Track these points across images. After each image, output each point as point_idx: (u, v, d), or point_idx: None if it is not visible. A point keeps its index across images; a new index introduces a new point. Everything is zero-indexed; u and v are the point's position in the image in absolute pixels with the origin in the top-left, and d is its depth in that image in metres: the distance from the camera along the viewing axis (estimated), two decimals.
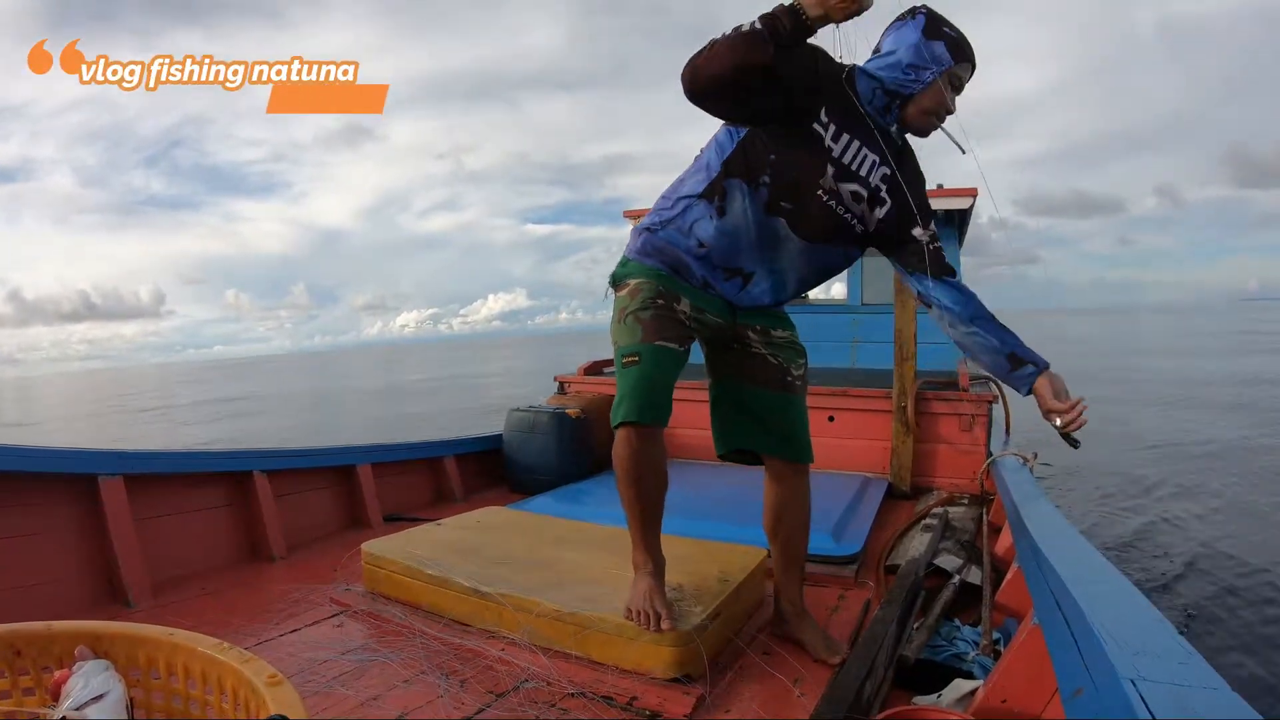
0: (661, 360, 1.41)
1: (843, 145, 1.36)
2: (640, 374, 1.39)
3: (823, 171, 1.37)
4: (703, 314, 1.49)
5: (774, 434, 1.59)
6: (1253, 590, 3.95)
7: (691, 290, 1.49)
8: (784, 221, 1.40)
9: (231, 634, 1.55)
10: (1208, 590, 3.96)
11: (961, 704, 1.28)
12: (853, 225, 1.43)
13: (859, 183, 1.40)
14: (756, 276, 1.49)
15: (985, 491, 2.67)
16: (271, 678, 0.84)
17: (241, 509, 2.27)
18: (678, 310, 1.46)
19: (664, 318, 1.44)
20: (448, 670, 1.46)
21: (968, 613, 1.77)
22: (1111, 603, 0.98)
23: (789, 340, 1.61)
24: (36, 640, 0.97)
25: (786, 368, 1.58)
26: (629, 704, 1.33)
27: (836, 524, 2.31)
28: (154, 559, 1.95)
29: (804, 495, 1.65)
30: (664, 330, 1.43)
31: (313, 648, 1.56)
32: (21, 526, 1.75)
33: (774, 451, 1.60)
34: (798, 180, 1.37)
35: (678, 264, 1.48)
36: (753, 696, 1.38)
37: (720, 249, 1.45)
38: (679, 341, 1.45)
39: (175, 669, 0.95)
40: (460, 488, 3.13)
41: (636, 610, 1.43)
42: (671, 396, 1.42)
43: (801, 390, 1.62)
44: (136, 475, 1.96)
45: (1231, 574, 4.20)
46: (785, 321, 1.63)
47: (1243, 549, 4.60)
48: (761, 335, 1.57)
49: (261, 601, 1.87)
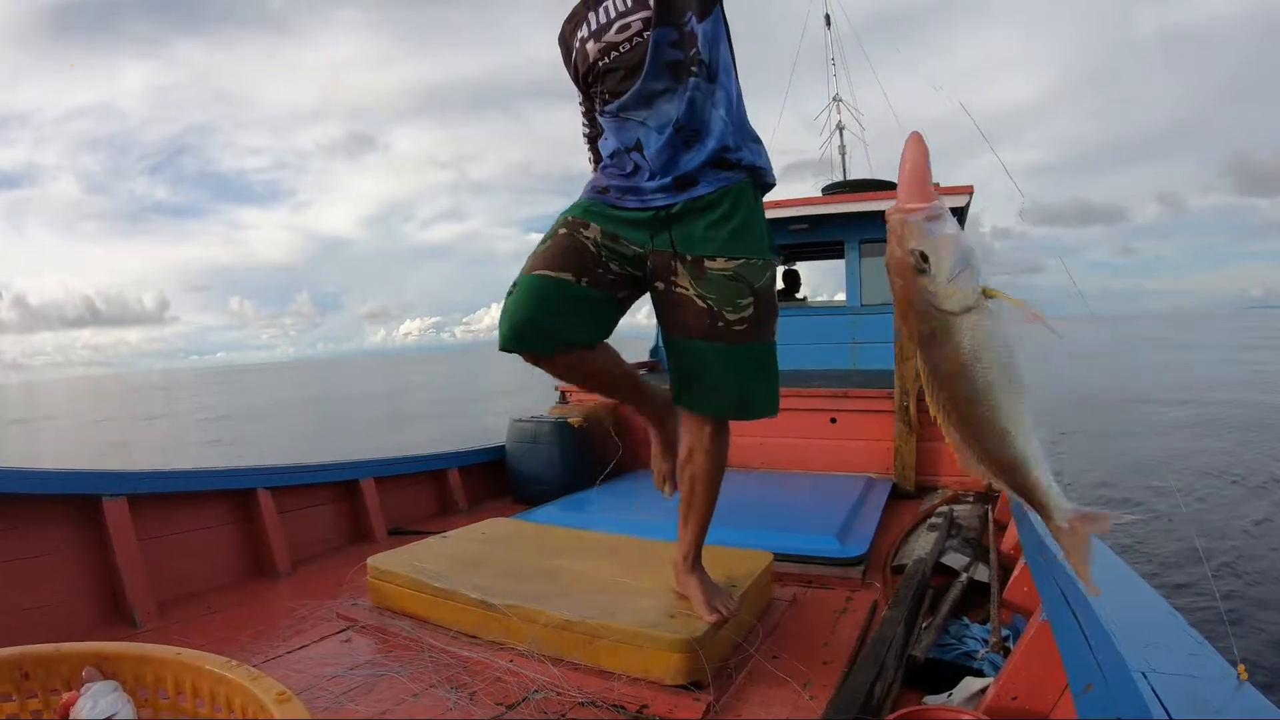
0: (541, 288, 1.37)
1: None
2: (505, 305, 1.39)
3: (582, 15, 1.42)
4: (616, 240, 1.41)
5: (701, 389, 1.44)
6: (1265, 575, 3.94)
7: (606, 213, 1.43)
8: (603, 66, 1.40)
9: (239, 652, 1.54)
10: (1219, 581, 3.95)
11: (972, 702, 1.28)
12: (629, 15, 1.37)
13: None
14: (639, 138, 1.39)
15: (990, 488, 2.66)
16: (280, 695, 0.84)
17: (245, 526, 2.27)
18: (582, 237, 1.41)
19: (560, 248, 1.40)
20: (457, 683, 1.45)
21: (976, 610, 1.76)
22: (1120, 596, 0.98)
23: (730, 274, 1.38)
24: (44, 662, 0.96)
25: (719, 311, 1.37)
26: (639, 712, 1.32)
27: (842, 526, 2.30)
28: (159, 578, 1.94)
29: (716, 449, 1.50)
30: (553, 260, 1.39)
31: (320, 664, 1.55)
32: (26, 549, 1.75)
33: (693, 405, 1.47)
34: (572, 33, 1.45)
35: (599, 187, 1.47)
36: (762, 700, 1.38)
37: (608, 145, 1.46)
38: (575, 272, 1.38)
39: (183, 688, 0.95)
40: (464, 499, 3.13)
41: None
42: (553, 323, 1.37)
43: (745, 337, 1.39)
44: (140, 495, 1.96)
45: (1242, 562, 4.19)
46: (729, 237, 1.39)
47: (1248, 539, 4.59)
48: (692, 269, 1.39)
49: (268, 618, 1.87)
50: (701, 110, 1.37)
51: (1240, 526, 5.03)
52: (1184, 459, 7.68)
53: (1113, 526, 0.80)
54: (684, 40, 1.35)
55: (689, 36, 1.34)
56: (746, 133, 1.44)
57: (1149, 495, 6.07)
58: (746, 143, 1.43)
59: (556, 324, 1.38)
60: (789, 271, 5.39)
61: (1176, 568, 4.15)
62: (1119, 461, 7.43)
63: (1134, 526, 4.93)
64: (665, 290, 1.43)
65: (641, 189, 1.40)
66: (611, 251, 1.42)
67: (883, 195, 4.27)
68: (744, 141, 1.43)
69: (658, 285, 1.44)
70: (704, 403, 1.46)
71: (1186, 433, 9.36)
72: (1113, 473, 6.87)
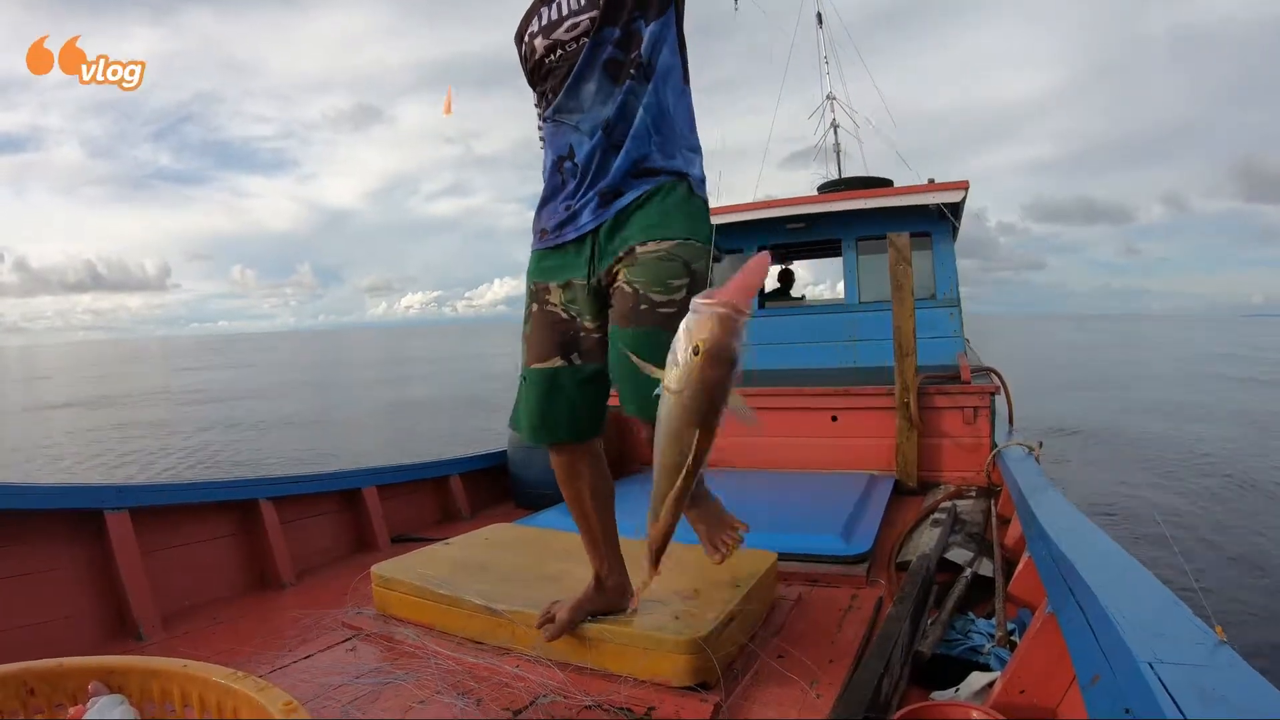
0: (540, 383, 1.39)
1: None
2: (524, 397, 1.42)
3: (535, 11, 1.39)
4: (572, 289, 1.36)
5: (631, 390, 1.27)
6: (1267, 564, 3.95)
7: (553, 265, 1.38)
8: (548, 64, 1.36)
9: (244, 663, 1.54)
10: (1223, 570, 3.95)
11: (980, 697, 1.28)
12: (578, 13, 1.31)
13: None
14: (571, 144, 1.33)
15: (992, 483, 2.66)
16: (287, 705, 0.84)
17: (248, 537, 2.26)
18: (550, 307, 1.39)
19: (542, 326, 1.39)
20: (463, 689, 1.45)
21: (981, 605, 1.76)
22: (1125, 587, 0.98)
23: (664, 254, 1.27)
24: (49, 677, 0.96)
25: (643, 293, 1.25)
26: (647, 714, 1.32)
27: (845, 524, 2.30)
28: (163, 591, 1.94)
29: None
30: (543, 344, 1.38)
31: (326, 673, 1.55)
32: (29, 565, 1.74)
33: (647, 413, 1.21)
34: (525, 28, 1.40)
35: (539, 230, 1.41)
36: (769, 700, 1.37)
37: (547, 158, 1.40)
38: (562, 352, 1.38)
39: (190, 700, 0.95)
40: (466, 506, 3.12)
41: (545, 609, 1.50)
42: (573, 412, 1.40)
43: (664, 320, 1.21)
44: (142, 508, 1.96)
45: (1245, 553, 4.20)
46: (659, 221, 1.30)
47: (1251, 529, 4.60)
48: (627, 261, 1.29)
49: (273, 629, 1.86)
50: (633, 114, 1.30)
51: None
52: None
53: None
54: (628, 40, 1.29)
55: (633, 37, 1.29)
56: (680, 141, 1.36)
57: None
58: (680, 150, 1.36)
59: (571, 415, 1.40)
60: (784, 271, 5.39)
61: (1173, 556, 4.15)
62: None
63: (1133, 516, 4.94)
64: (614, 295, 1.33)
65: (576, 213, 1.34)
66: (579, 305, 1.37)
67: (879, 193, 4.28)
68: (676, 150, 1.35)
69: (610, 298, 1.35)
70: (648, 406, 1.29)
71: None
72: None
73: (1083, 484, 6.15)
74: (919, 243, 3.73)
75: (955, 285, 4.09)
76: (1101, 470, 6.81)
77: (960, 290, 4.09)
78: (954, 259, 4.13)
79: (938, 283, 4.11)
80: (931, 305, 4.01)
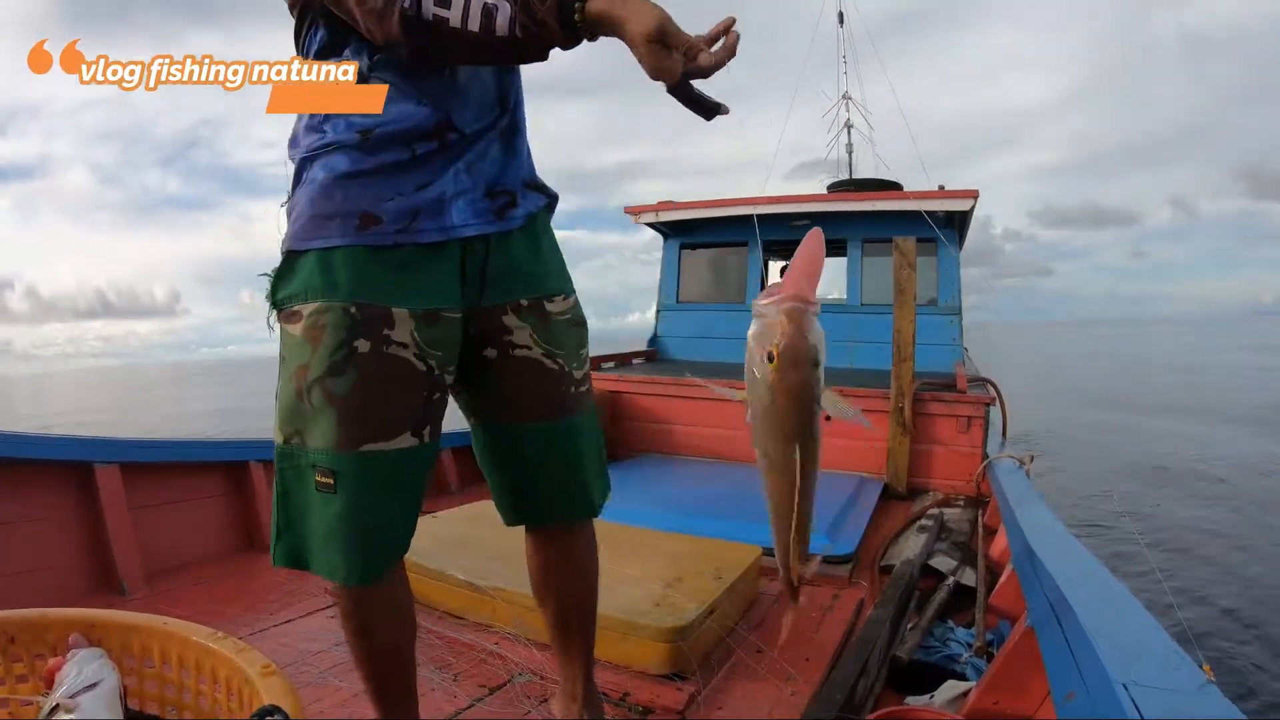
0: (375, 477, 0.86)
1: None
2: (341, 512, 0.85)
3: None
4: (436, 318, 0.89)
5: (556, 486, 1.03)
6: (1250, 593, 3.98)
7: (401, 282, 0.87)
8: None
9: (226, 624, 1.54)
10: (1204, 593, 3.98)
11: (954, 705, 1.29)
12: None
13: None
14: (450, 110, 0.90)
15: (981, 493, 2.67)
16: (265, 668, 0.84)
17: (237, 499, 2.27)
18: (395, 348, 0.87)
19: (383, 380, 0.86)
20: (441, 664, 1.46)
21: (961, 614, 1.77)
22: (1105, 607, 0.98)
23: (569, 317, 1.01)
24: (30, 627, 0.96)
25: (569, 371, 1.00)
26: (622, 699, 1.33)
27: (832, 524, 2.31)
28: (149, 548, 1.94)
29: (582, 552, 1.10)
30: (387, 410, 0.87)
31: (306, 639, 1.56)
32: (16, 513, 1.74)
33: (556, 515, 1.05)
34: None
35: (359, 215, 0.87)
36: (745, 694, 1.38)
37: (383, 113, 0.89)
38: (411, 422, 0.89)
39: (169, 658, 0.95)
40: (456, 480, 3.13)
41: None
42: (409, 520, 0.93)
43: (589, 401, 1.04)
44: (132, 464, 1.95)
45: (1227, 577, 4.22)
46: (561, 267, 1.02)
47: (1239, 554, 4.63)
48: (530, 316, 0.97)
49: (256, 592, 1.87)
50: (521, 106, 0.99)
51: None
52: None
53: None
54: None
55: None
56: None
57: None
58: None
59: (408, 525, 0.94)
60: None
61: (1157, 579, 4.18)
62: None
63: (1119, 537, 4.97)
64: (499, 357, 0.97)
65: (441, 204, 0.89)
66: (443, 351, 0.91)
67: (887, 195, 4.26)
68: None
69: (488, 353, 0.97)
70: (576, 503, 1.05)
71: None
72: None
73: (1073, 495, 6.18)
74: (924, 249, 3.71)
75: (958, 293, 4.09)
76: (1093, 483, 6.83)
77: (963, 299, 4.09)
78: (958, 267, 4.13)
79: (940, 290, 4.10)
80: (932, 312, 4.01)
